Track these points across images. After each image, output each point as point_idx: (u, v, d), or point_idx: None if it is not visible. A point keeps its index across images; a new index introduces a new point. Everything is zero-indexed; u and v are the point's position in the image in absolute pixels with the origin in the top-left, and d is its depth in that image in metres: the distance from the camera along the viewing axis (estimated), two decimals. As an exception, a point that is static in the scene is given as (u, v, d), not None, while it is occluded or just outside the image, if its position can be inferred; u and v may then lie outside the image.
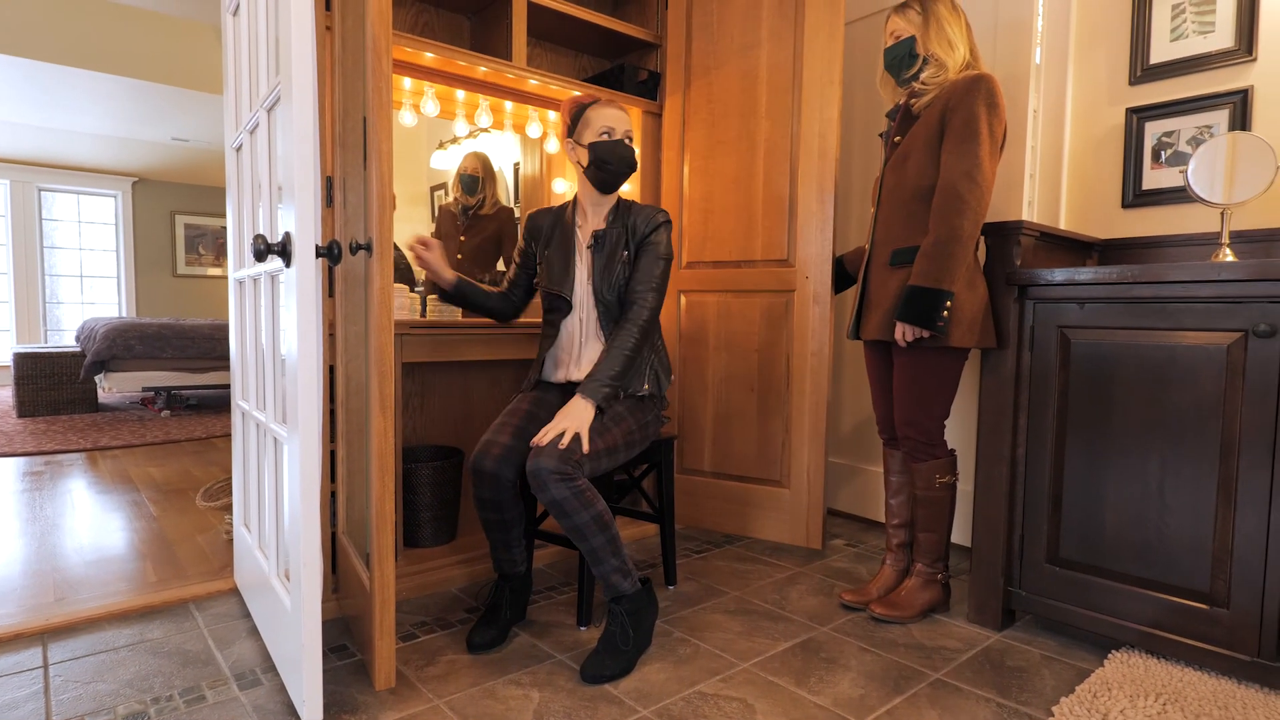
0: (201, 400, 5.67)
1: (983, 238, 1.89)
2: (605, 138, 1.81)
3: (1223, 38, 1.98)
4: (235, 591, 2.09)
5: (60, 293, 7.59)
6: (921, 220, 1.83)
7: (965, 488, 2.45)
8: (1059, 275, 1.74)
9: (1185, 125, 2.05)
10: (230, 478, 2.61)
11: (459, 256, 2.92)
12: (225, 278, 8.44)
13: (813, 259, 2.36)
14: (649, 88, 2.61)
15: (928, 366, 1.85)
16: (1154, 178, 2.11)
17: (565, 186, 2.89)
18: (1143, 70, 2.11)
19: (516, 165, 2.78)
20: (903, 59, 1.89)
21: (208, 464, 3.80)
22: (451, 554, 2.20)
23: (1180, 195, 2.05)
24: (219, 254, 8.37)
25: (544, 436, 1.63)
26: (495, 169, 2.69)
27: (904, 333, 1.81)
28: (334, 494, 2.00)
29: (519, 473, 1.78)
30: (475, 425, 2.55)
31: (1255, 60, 1.93)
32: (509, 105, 2.63)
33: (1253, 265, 1.48)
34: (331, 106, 1.88)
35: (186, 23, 5.24)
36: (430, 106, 2.40)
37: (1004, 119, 1.77)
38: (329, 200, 1.87)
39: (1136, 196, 2.14)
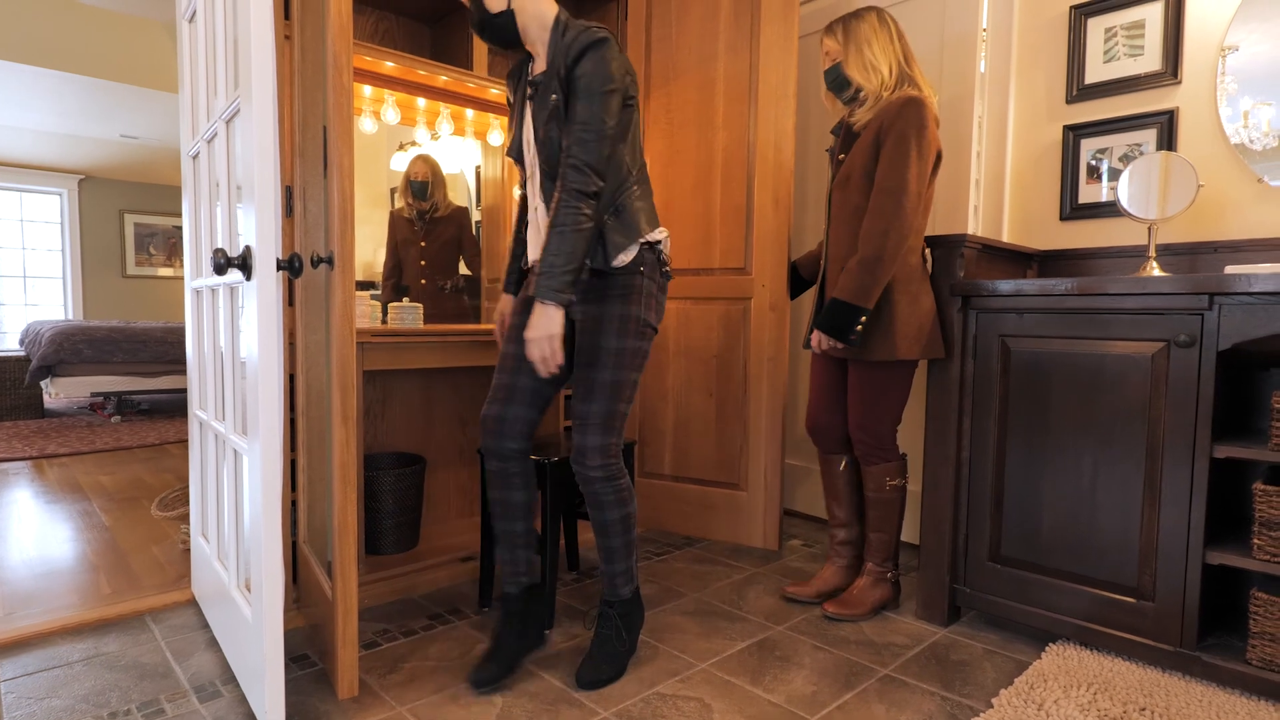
0: (154, 404, 5.54)
1: (929, 249, 1.97)
2: None
3: (1151, 61, 2.09)
4: (193, 602, 2.07)
5: (2, 294, 7.32)
6: None
7: (915, 488, 2.55)
8: (1000, 287, 1.83)
9: (1117, 143, 2.16)
10: (186, 486, 2.58)
11: (421, 263, 2.92)
12: (178, 279, 8.23)
13: (769, 267, 2.42)
14: (609, 97, 2.65)
15: (879, 376, 1.92)
16: (1089, 192, 2.22)
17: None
18: (1079, 89, 2.22)
19: (478, 168, 2.79)
20: (838, 80, 1.97)
21: (161, 471, 3.73)
22: (414, 561, 2.21)
23: (1113, 210, 2.16)
24: (170, 254, 8.16)
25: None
26: (444, 173, 2.70)
27: (819, 340, 1.89)
28: (295, 503, 2.00)
29: (524, 441, 1.67)
30: (437, 431, 2.56)
31: (1180, 83, 2.04)
32: (470, 113, 2.64)
33: (1173, 280, 1.58)
34: (291, 116, 1.88)
35: (136, 19, 5.11)
36: (391, 115, 2.40)
37: (934, 141, 1.83)
38: (289, 210, 1.87)
39: (1073, 210, 2.25)
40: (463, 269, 2.82)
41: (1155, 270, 1.85)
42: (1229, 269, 1.56)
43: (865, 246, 1.82)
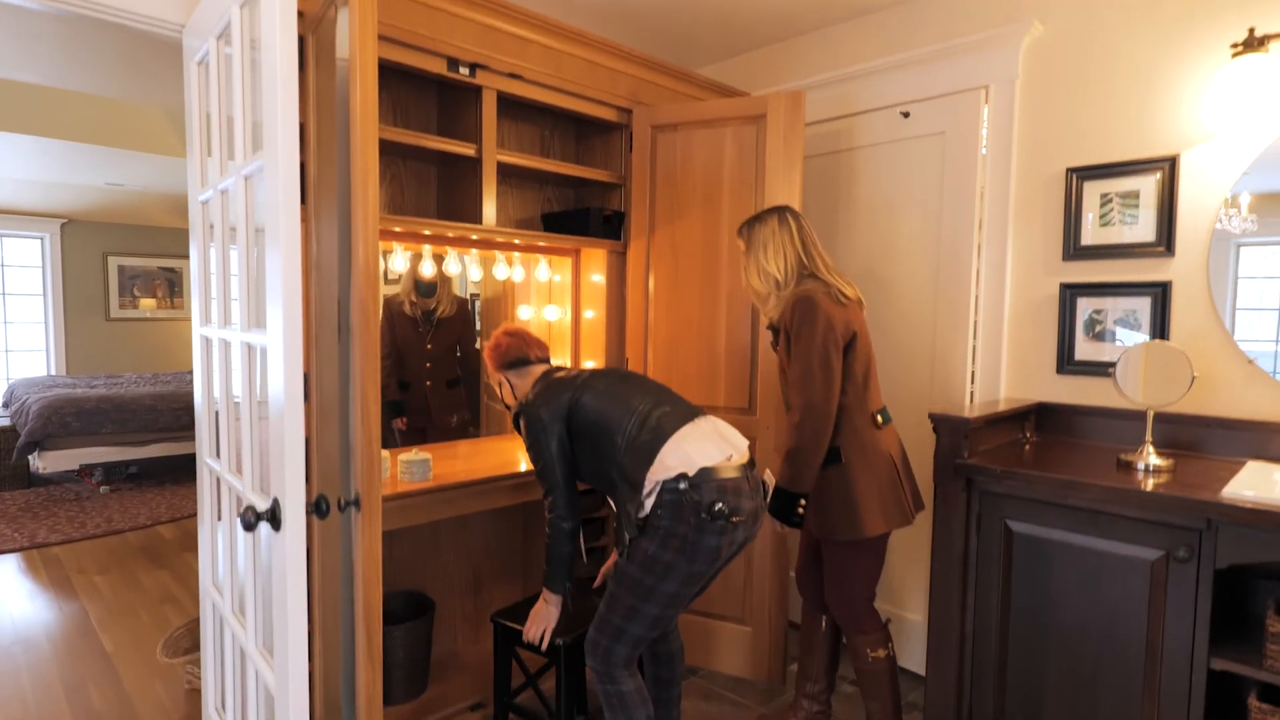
0: (142, 468, 5.48)
1: (933, 426, 2.02)
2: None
3: (1145, 231, 2.16)
4: (205, 772, 2.08)
5: (-18, 341, 7.20)
6: None
7: (917, 617, 2.60)
8: (1003, 474, 1.88)
9: (1113, 306, 2.22)
10: (189, 623, 2.58)
11: (427, 365, 2.94)
12: (163, 321, 8.13)
13: (773, 409, 2.47)
14: (614, 227, 2.68)
15: (847, 553, 1.98)
16: (1085, 349, 2.28)
17: (530, 313, 2.94)
18: (1075, 249, 2.28)
19: (478, 282, 2.82)
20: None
21: (156, 568, 3.70)
22: (423, 711, 2.23)
23: (1108, 369, 2.21)
24: (155, 295, 8.05)
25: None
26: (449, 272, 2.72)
27: (771, 523, 1.97)
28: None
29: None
30: (445, 566, 2.58)
31: (1174, 257, 2.11)
32: (475, 251, 2.66)
33: (1173, 500, 1.63)
34: (307, 299, 1.89)
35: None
36: (399, 262, 2.41)
37: (830, 322, 1.86)
38: (306, 395, 1.88)
39: (1070, 364, 2.31)
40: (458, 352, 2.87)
41: (1151, 455, 1.91)
42: (1226, 492, 1.62)
43: (788, 438, 1.91)
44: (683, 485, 1.66)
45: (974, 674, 1.99)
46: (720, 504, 1.65)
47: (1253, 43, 1.84)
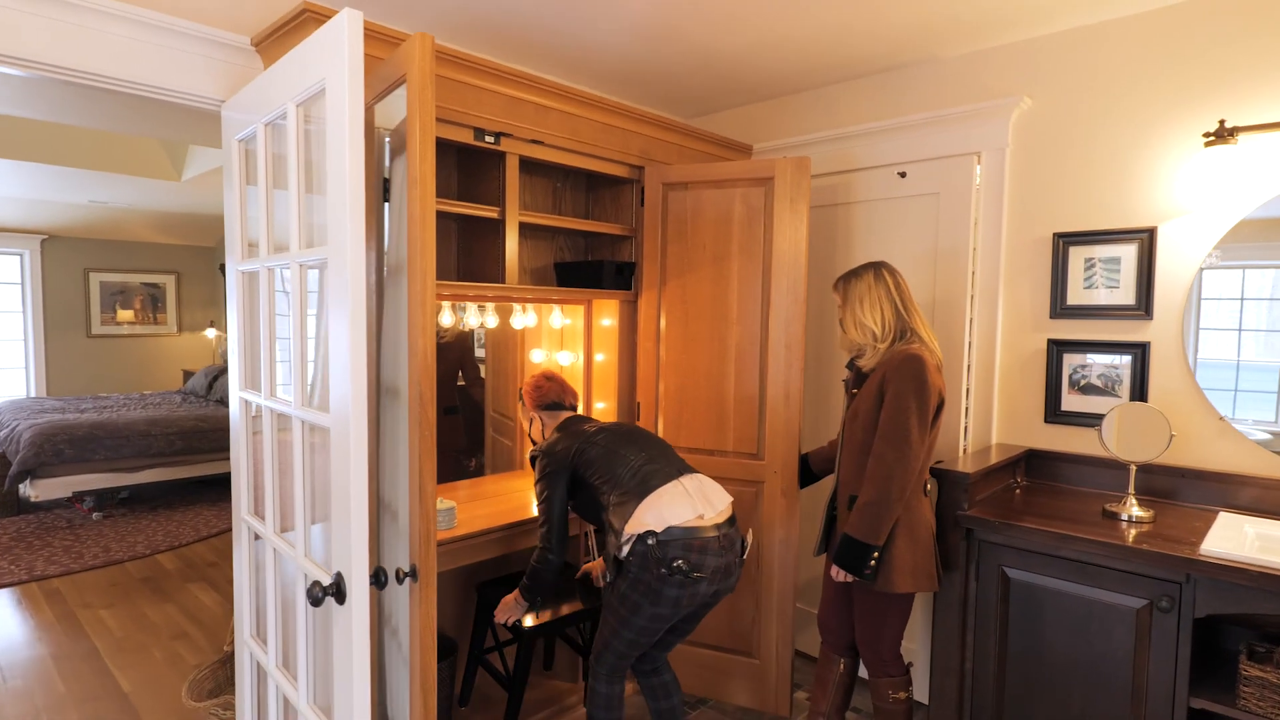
0: (134, 492, 5.47)
1: (933, 478, 2.16)
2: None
3: (1126, 294, 2.33)
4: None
5: (-40, 360, 7.08)
6: None
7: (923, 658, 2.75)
8: (1000, 531, 2.04)
9: (1097, 361, 2.39)
10: (213, 664, 2.64)
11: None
12: (145, 337, 8.05)
13: (780, 455, 2.60)
14: (625, 278, 2.79)
15: (880, 603, 2.10)
16: (1071, 401, 2.45)
17: (542, 356, 3.04)
18: (1061, 308, 2.45)
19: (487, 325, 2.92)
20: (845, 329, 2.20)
21: (162, 600, 3.73)
22: (451, 753, 2.32)
23: (1093, 419, 2.39)
24: (138, 310, 7.97)
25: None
26: (468, 325, 2.82)
27: (837, 573, 2.07)
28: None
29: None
30: (461, 605, 2.67)
31: (1153, 320, 2.28)
32: (491, 304, 2.76)
33: (1155, 556, 1.80)
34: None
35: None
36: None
37: (934, 390, 2.00)
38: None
39: (1056, 415, 2.48)
40: (460, 379, 2.95)
41: (1134, 506, 2.08)
42: (1204, 549, 1.79)
43: (871, 488, 2.00)
44: (650, 541, 1.91)
45: (973, 709, 2.14)
46: (680, 561, 1.90)
47: (1223, 133, 2.01)
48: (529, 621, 2.29)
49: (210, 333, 8.27)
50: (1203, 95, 2.15)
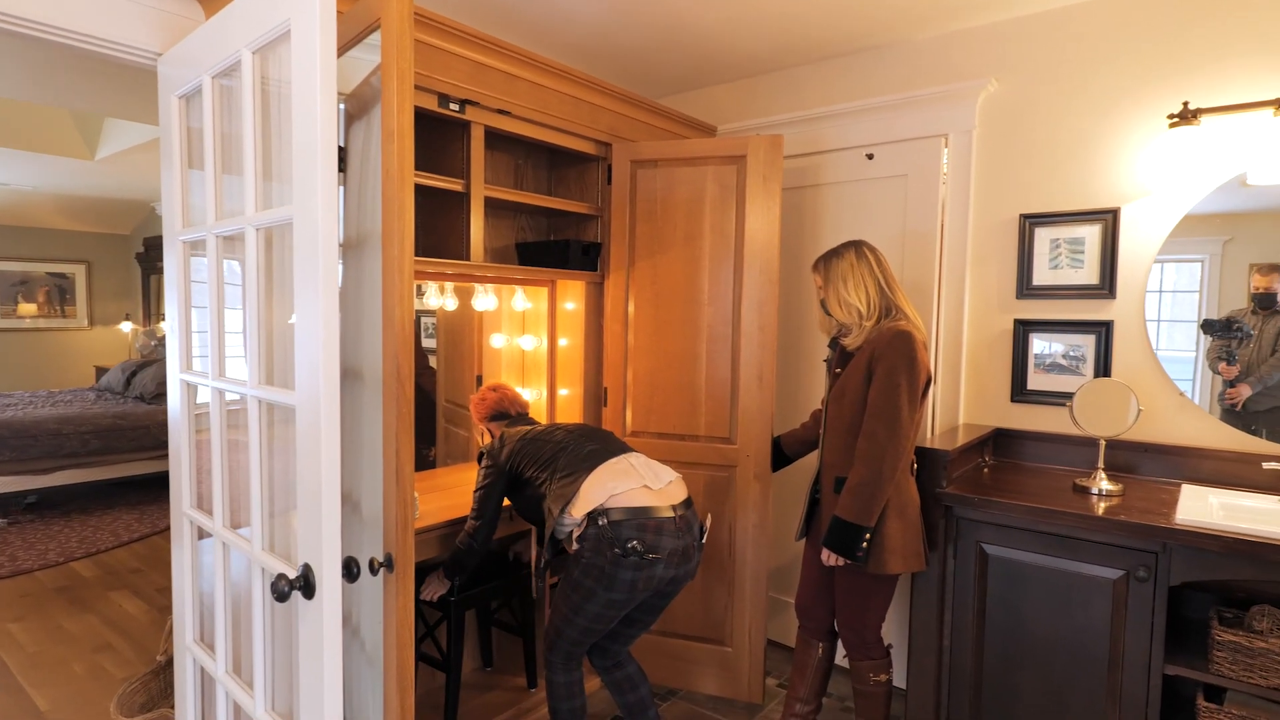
0: (42, 497, 5.03)
1: (915, 458, 2.16)
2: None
3: (1090, 274, 2.38)
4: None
5: None
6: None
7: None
8: (978, 508, 2.04)
9: (1061, 342, 2.44)
10: (146, 677, 2.42)
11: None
12: (53, 330, 7.47)
13: (753, 439, 2.56)
14: (591, 259, 2.70)
15: (865, 584, 2.08)
16: (1037, 380, 2.49)
17: (503, 341, 2.91)
18: (1027, 288, 2.49)
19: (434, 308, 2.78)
20: (826, 311, 2.18)
21: (81, 611, 3.43)
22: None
23: (1058, 398, 2.43)
24: (44, 302, 7.38)
25: None
26: (428, 305, 2.68)
27: (828, 557, 2.04)
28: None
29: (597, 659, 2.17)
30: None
31: (1115, 299, 2.34)
32: (450, 284, 2.63)
33: (1134, 526, 1.83)
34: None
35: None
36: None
37: (923, 368, 2.00)
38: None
39: (1023, 394, 2.52)
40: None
41: (1104, 480, 2.12)
42: (1180, 518, 1.82)
43: (863, 468, 1.97)
44: (602, 522, 1.86)
45: (952, 686, 2.15)
46: (635, 542, 1.84)
47: (1187, 115, 2.07)
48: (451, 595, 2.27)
49: (126, 326, 7.73)
50: (1166, 78, 2.21)
